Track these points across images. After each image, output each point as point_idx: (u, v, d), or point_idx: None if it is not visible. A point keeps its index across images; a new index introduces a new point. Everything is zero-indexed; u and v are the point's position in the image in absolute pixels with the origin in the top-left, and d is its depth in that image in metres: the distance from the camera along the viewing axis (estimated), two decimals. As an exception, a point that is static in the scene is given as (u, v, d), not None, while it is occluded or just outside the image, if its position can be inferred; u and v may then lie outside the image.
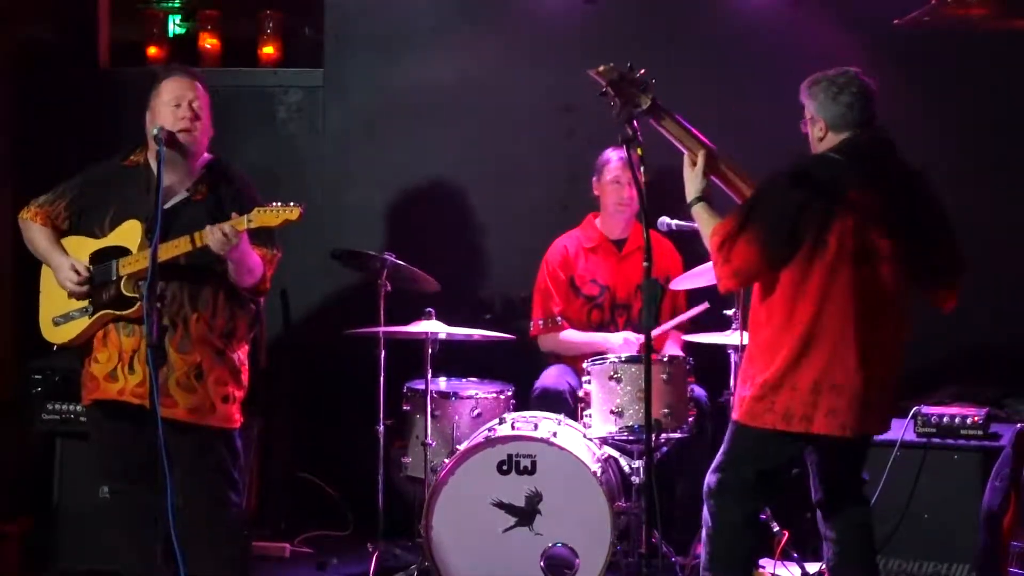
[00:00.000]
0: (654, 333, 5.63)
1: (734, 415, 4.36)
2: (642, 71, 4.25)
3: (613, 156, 5.88)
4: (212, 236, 4.43)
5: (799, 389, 4.18)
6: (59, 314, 4.68)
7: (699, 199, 4.35)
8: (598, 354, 5.53)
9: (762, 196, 4.23)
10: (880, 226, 4.19)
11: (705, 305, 5.62)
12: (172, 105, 4.62)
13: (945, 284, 4.39)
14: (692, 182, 4.37)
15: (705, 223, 4.32)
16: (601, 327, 5.92)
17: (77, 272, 4.60)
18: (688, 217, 4.51)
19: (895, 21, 5.89)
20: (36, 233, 4.73)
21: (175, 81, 4.66)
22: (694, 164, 4.37)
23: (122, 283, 4.57)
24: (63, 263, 4.64)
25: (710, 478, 4.35)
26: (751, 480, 4.30)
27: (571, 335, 5.90)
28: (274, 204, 4.46)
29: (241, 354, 4.75)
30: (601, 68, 4.20)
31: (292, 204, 4.46)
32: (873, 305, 4.20)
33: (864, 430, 4.29)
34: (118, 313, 4.58)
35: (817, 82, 4.34)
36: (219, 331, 4.64)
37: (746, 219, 4.18)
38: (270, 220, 4.45)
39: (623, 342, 5.73)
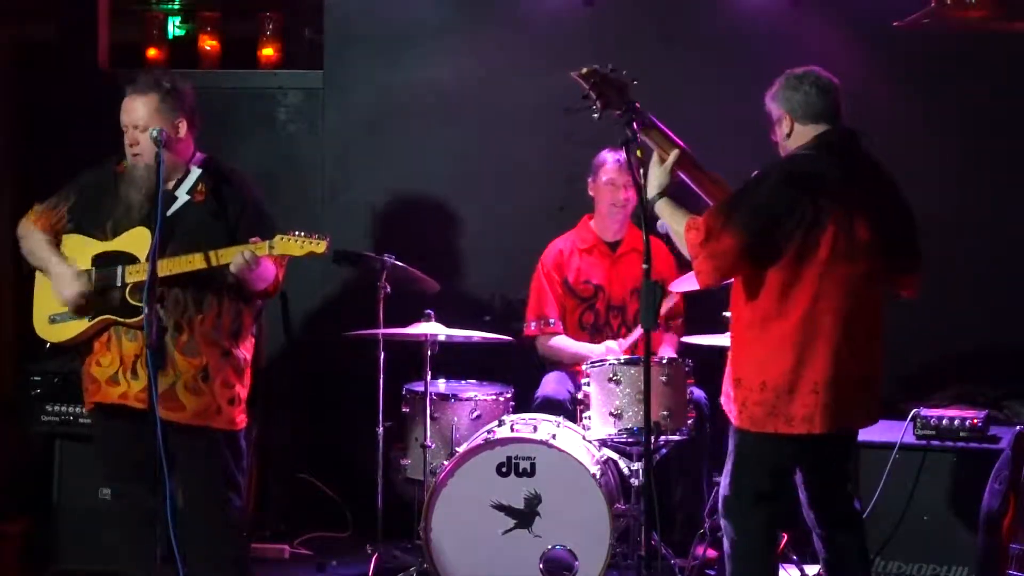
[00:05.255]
0: (625, 345, 5.68)
1: (736, 421, 4.33)
2: (623, 72, 4.22)
3: (609, 157, 5.87)
4: (235, 261, 4.42)
5: (800, 391, 4.19)
6: (56, 312, 4.62)
7: (661, 195, 4.32)
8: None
9: (748, 193, 4.21)
10: (862, 220, 4.20)
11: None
12: (123, 130, 4.62)
13: (911, 269, 4.41)
14: (657, 177, 4.33)
15: (675, 217, 4.28)
16: (595, 329, 5.92)
17: (79, 284, 4.55)
18: None
19: (895, 23, 5.89)
20: (36, 241, 4.68)
21: (124, 103, 4.62)
22: (663, 161, 4.34)
23: (127, 291, 4.54)
24: (65, 273, 4.59)
25: (724, 490, 4.35)
26: (765, 484, 4.30)
27: (560, 342, 5.90)
28: (297, 233, 4.44)
29: (245, 351, 4.72)
30: (584, 70, 4.17)
31: (317, 237, 4.44)
32: (858, 300, 4.22)
33: (855, 424, 4.38)
34: (119, 319, 4.56)
35: (777, 83, 4.37)
36: (226, 331, 4.63)
37: (730, 214, 4.17)
38: (294, 250, 4.44)
39: (605, 350, 5.74)
